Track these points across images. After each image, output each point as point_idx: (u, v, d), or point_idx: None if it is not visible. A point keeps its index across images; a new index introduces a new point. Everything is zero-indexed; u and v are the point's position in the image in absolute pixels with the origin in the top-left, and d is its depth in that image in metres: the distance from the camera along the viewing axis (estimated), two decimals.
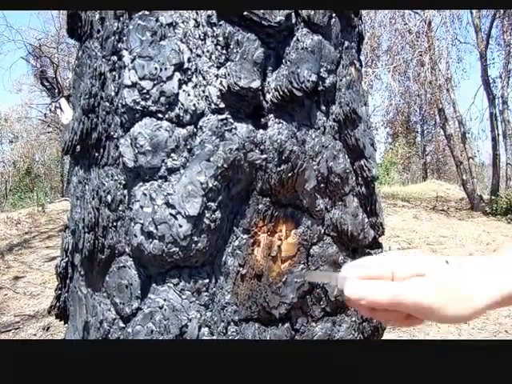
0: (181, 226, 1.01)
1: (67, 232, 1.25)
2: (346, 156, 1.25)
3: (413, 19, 10.70)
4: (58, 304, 1.28)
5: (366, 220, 1.28)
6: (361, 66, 1.44)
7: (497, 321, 5.02)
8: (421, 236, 9.05)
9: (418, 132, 22.49)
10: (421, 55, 10.40)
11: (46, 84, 16.93)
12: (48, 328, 4.13)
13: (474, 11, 11.52)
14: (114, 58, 1.13)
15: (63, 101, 14.72)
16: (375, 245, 1.34)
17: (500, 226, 10.24)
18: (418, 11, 10.86)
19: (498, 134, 12.40)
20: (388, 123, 16.98)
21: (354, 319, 1.26)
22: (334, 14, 1.24)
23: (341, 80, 1.28)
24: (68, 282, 1.26)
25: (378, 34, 11.71)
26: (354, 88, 1.31)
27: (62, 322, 1.28)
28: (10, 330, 4.15)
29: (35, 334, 4.07)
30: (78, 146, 1.20)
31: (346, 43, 1.33)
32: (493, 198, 11.67)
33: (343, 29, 1.31)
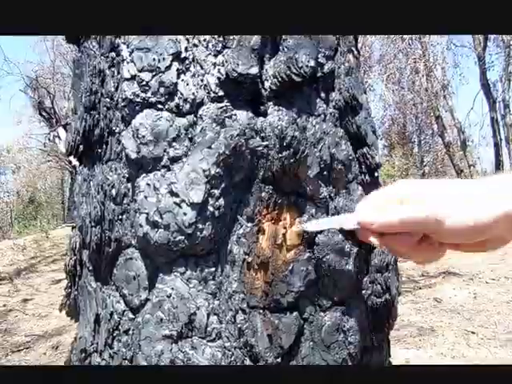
0: (185, 214, 1.00)
1: (74, 231, 1.25)
2: (348, 143, 1.24)
3: None
4: (68, 302, 1.26)
5: None
6: (359, 53, 1.44)
7: (507, 330, 4.94)
8: None
9: (414, 142, 22.53)
10: (415, 62, 10.43)
11: (44, 114, 17.16)
12: (57, 347, 4.17)
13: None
14: (113, 54, 1.13)
15: (61, 130, 14.90)
16: None
17: None
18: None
19: (501, 140, 12.33)
20: (383, 134, 17.00)
21: (363, 309, 1.23)
22: None
23: (339, 67, 1.27)
24: (77, 279, 1.24)
25: (369, 43, 11.77)
26: (352, 75, 1.31)
27: (72, 323, 1.27)
28: (22, 350, 4.23)
29: (45, 353, 4.14)
30: (82, 146, 1.20)
31: None
32: None
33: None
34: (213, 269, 1.04)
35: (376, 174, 1.33)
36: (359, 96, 1.29)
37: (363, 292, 1.24)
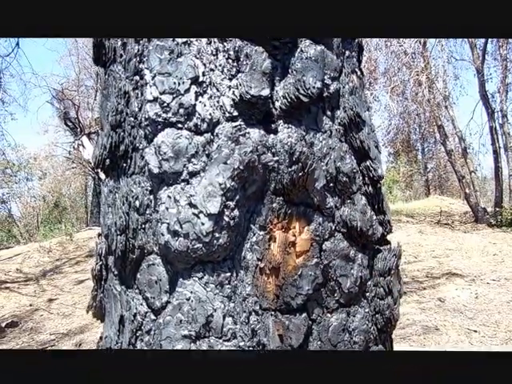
0: (203, 224, 1.04)
1: (100, 238, 1.29)
2: (353, 157, 1.27)
3: (408, 40, 10.73)
4: (94, 304, 1.30)
5: (375, 217, 1.30)
6: (362, 74, 1.47)
7: (507, 328, 4.91)
8: (426, 250, 8.93)
9: (418, 150, 22.37)
10: (417, 75, 10.40)
11: (69, 124, 17.38)
12: (80, 344, 4.20)
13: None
14: (137, 77, 1.18)
15: (85, 138, 15.08)
16: (384, 241, 1.35)
17: (506, 236, 10.04)
18: None
19: (499, 147, 12.19)
20: (389, 143, 16.92)
21: (367, 310, 1.26)
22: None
23: (344, 87, 1.31)
24: (103, 283, 1.29)
25: (375, 57, 11.76)
26: (356, 94, 1.34)
27: (98, 325, 1.30)
28: (47, 347, 4.25)
29: None
30: (108, 160, 1.24)
31: (347, 53, 1.37)
32: (497, 209, 11.42)
33: (344, 39, 1.35)
34: (228, 274, 1.08)
35: (379, 185, 1.36)
36: (362, 113, 1.32)
37: (367, 294, 1.27)
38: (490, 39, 11.52)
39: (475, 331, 5.14)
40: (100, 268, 1.27)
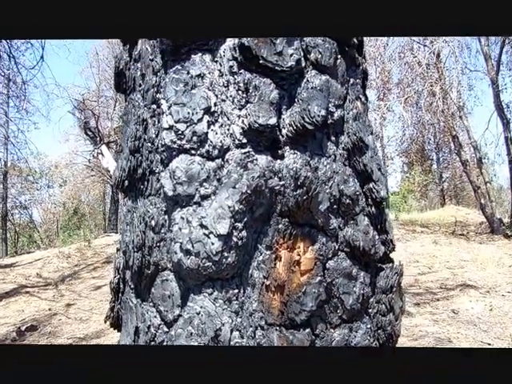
0: (213, 244, 1.11)
1: (118, 253, 1.38)
2: (356, 180, 1.34)
3: (422, 52, 10.73)
4: (112, 314, 1.39)
5: (377, 237, 1.35)
6: (366, 100, 1.53)
7: None
8: (441, 260, 8.85)
9: (433, 159, 22.18)
10: (431, 86, 10.39)
11: (89, 133, 17.72)
12: None
13: (482, 39, 11.38)
14: (154, 106, 1.27)
15: (104, 147, 15.38)
16: (387, 259, 1.41)
17: None
18: (427, 43, 10.91)
19: None
20: (403, 152, 16.85)
21: (369, 326, 1.31)
22: (339, 56, 1.36)
23: (348, 113, 1.38)
24: (120, 295, 1.37)
25: (389, 68, 11.79)
26: (360, 119, 1.40)
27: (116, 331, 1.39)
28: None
29: None
30: (126, 181, 1.33)
31: (352, 80, 1.44)
32: None
33: (348, 67, 1.42)
34: (236, 290, 1.15)
35: (382, 206, 1.42)
36: (366, 138, 1.38)
37: (370, 311, 1.33)
38: (504, 49, 11.45)
39: (489, 344, 5.08)
40: (118, 281, 1.36)
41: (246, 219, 1.14)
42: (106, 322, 1.40)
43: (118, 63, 1.49)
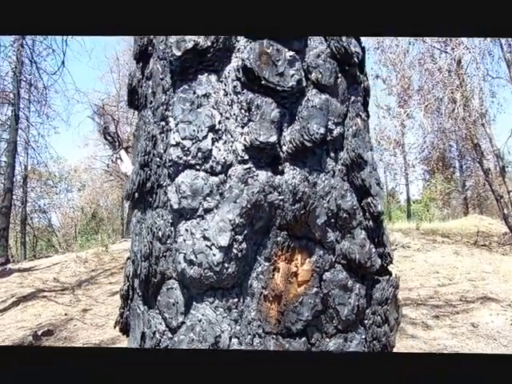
0: (214, 255, 1.20)
1: (128, 262, 1.48)
2: (354, 194, 1.41)
3: (442, 58, 10.70)
4: (121, 320, 1.49)
5: (374, 250, 1.42)
6: (367, 116, 1.61)
7: None
8: (461, 272, 8.74)
9: (456, 167, 21.91)
10: (452, 93, 10.34)
11: (109, 138, 18.09)
12: None
13: (504, 46, 11.28)
14: (163, 123, 1.37)
15: (123, 152, 15.70)
16: (384, 272, 1.47)
17: None
18: (448, 50, 10.86)
19: None
20: (423, 160, 16.73)
21: (364, 337, 1.38)
22: (339, 75, 1.44)
23: (348, 130, 1.45)
24: (129, 302, 1.47)
25: (409, 74, 11.79)
26: (359, 136, 1.48)
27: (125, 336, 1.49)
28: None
29: None
30: (136, 194, 1.43)
31: (353, 98, 1.52)
32: None
33: (349, 86, 1.50)
34: (236, 300, 1.23)
35: (380, 220, 1.49)
36: (365, 154, 1.46)
37: (365, 322, 1.39)
38: None
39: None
40: (127, 289, 1.46)
41: (245, 232, 1.23)
42: (115, 327, 1.50)
43: (131, 80, 1.60)
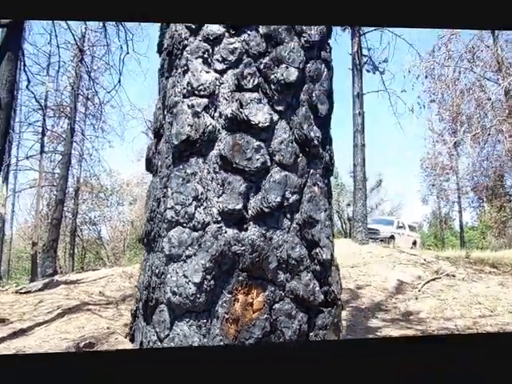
0: (190, 288, 1.77)
1: (136, 289, 2.08)
2: (303, 246, 1.93)
3: (491, 87, 10.80)
4: (129, 332, 2.08)
5: (317, 288, 1.93)
6: (327, 184, 2.12)
7: None
8: (504, 304, 8.68)
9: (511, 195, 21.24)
10: (500, 123, 10.43)
11: None
12: None
13: None
14: (165, 190, 1.97)
15: None
16: (328, 304, 1.97)
17: None
18: (499, 80, 10.95)
19: None
20: (473, 188, 16.55)
21: None
22: (300, 155, 1.98)
23: (304, 196, 1.98)
24: (136, 319, 2.06)
25: (458, 103, 11.96)
26: (313, 201, 2.00)
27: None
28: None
29: None
30: (145, 240, 2.03)
31: (312, 171, 2.04)
32: None
33: (310, 161, 2.03)
34: (205, 320, 1.79)
35: (327, 264, 1.99)
36: (317, 216, 1.98)
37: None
38: None
39: None
40: (135, 309, 2.06)
41: (214, 273, 1.79)
42: (126, 337, 2.09)
43: (149, 152, 2.23)
